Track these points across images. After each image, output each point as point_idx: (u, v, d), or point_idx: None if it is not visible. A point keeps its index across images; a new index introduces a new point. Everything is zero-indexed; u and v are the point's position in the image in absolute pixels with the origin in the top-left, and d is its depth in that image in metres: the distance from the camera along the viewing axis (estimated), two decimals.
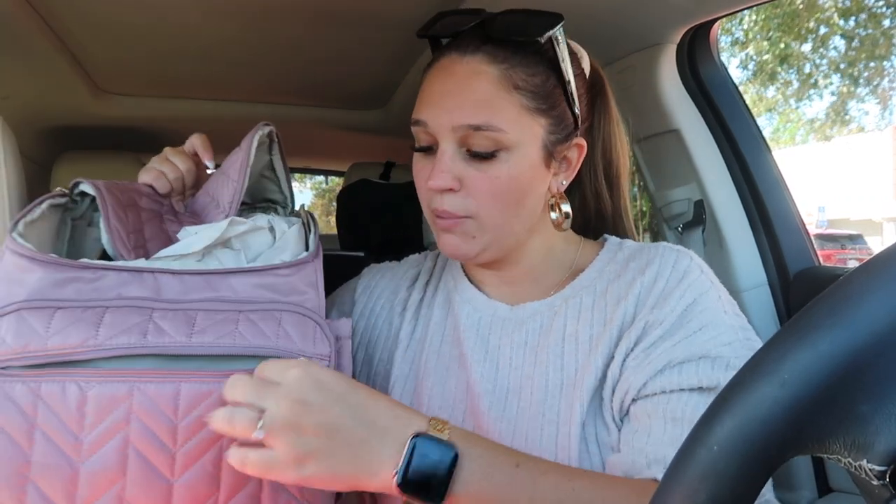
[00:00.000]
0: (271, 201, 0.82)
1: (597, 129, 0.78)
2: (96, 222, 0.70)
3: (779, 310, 1.21)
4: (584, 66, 0.76)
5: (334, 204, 2.07)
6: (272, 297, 0.64)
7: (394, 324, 0.83)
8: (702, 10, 1.04)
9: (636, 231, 0.84)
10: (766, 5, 4.90)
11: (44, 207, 0.65)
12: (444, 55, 0.70)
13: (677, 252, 0.70)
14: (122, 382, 0.57)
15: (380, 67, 1.46)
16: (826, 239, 12.26)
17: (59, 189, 0.69)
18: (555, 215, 0.73)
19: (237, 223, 0.68)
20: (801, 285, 1.18)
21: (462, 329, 0.76)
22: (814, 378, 0.28)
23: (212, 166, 0.78)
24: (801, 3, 10.46)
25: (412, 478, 0.51)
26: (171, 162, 0.76)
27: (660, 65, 1.17)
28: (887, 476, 0.28)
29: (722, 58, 1.25)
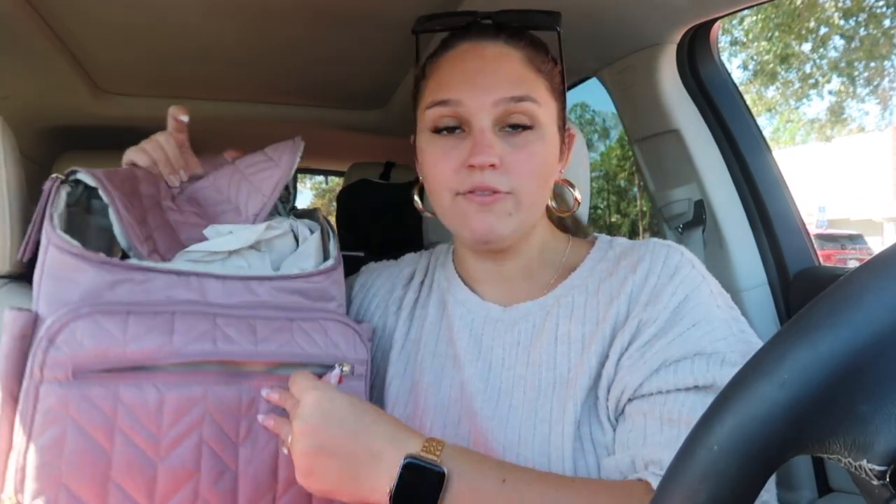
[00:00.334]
0: None
1: None
2: (96, 210, 0.70)
3: (779, 310, 1.21)
4: None
5: (334, 204, 2.07)
6: (304, 304, 0.69)
7: (388, 324, 0.83)
8: (702, 10, 1.04)
9: (637, 231, 0.85)
10: (766, 5, 4.90)
11: (63, 196, 0.65)
12: (462, 42, 0.72)
13: (668, 248, 0.70)
14: (198, 385, 0.61)
15: (380, 67, 1.46)
16: (826, 239, 12.26)
17: (55, 177, 0.67)
18: (553, 203, 0.77)
19: (273, 228, 0.70)
20: (801, 285, 1.18)
21: (456, 330, 0.76)
22: (814, 378, 0.28)
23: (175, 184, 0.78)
24: (802, 3, 10.46)
25: (403, 496, 0.56)
26: (155, 140, 0.80)
27: (660, 65, 1.17)
28: (887, 476, 0.28)
29: (722, 58, 1.25)
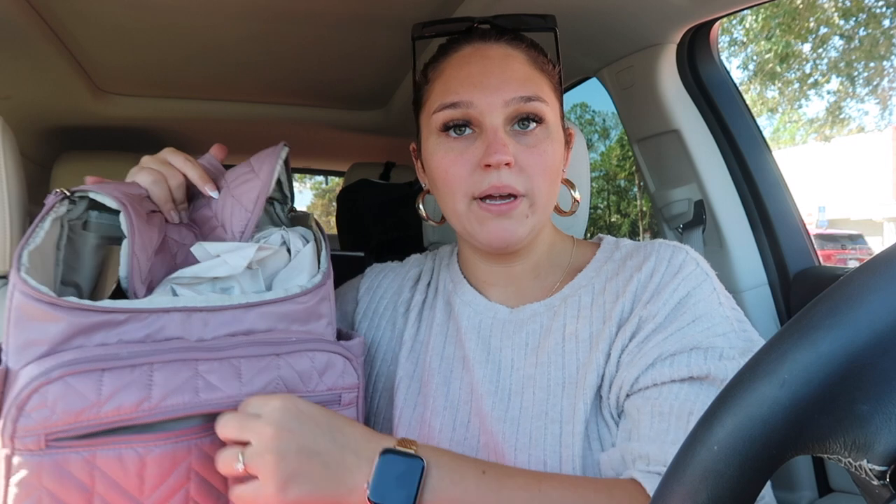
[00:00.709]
0: (269, 198, 0.81)
1: None
2: (92, 226, 0.67)
3: (779, 310, 1.21)
4: None
5: (334, 204, 2.07)
6: (294, 328, 0.66)
7: (397, 325, 0.83)
8: (702, 10, 1.04)
9: (637, 231, 0.86)
10: (767, 5, 4.90)
11: (46, 227, 0.61)
12: (464, 45, 0.73)
13: (673, 248, 0.70)
14: (182, 441, 0.58)
15: (380, 68, 1.46)
16: (826, 239, 12.25)
17: (58, 192, 0.63)
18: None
19: (263, 249, 0.67)
20: (801, 285, 1.18)
21: (463, 331, 0.76)
22: (814, 378, 0.28)
23: (214, 194, 0.71)
24: (801, 3, 10.46)
25: (382, 489, 0.55)
26: (173, 166, 0.68)
27: (660, 65, 1.17)
28: (887, 476, 0.28)
29: (722, 58, 1.25)
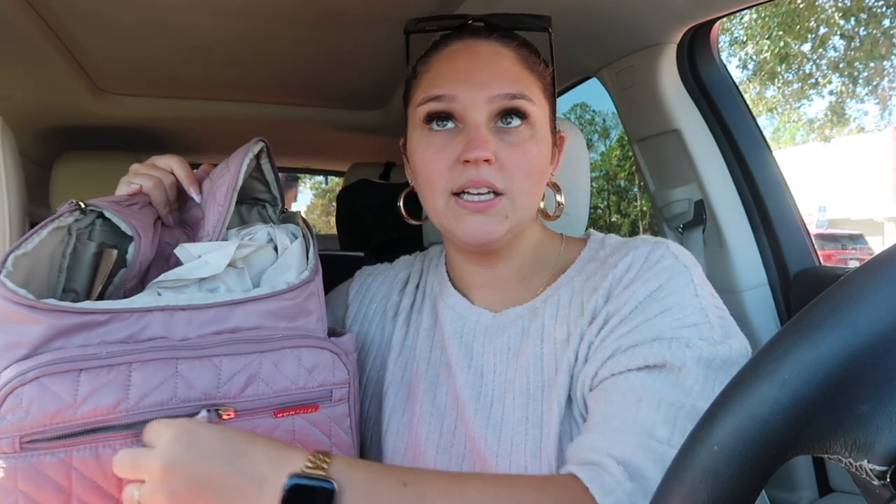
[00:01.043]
0: (258, 199, 0.81)
1: None
2: (95, 234, 0.68)
3: (779, 310, 1.21)
4: None
5: (334, 204, 2.07)
6: (282, 325, 0.64)
7: (386, 329, 0.82)
8: (702, 10, 1.04)
9: (637, 231, 0.85)
10: (766, 5, 4.90)
11: (44, 235, 0.61)
12: (456, 40, 0.72)
13: (654, 243, 0.68)
14: None
15: (380, 68, 1.46)
16: (826, 239, 12.25)
17: (72, 203, 0.64)
18: (542, 204, 0.76)
19: (244, 247, 0.67)
20: (802, 285, 1.18)
21: (446, 336, 0.75)
22: (814, 378, 0.28)
23: (197, 198, 0.73)
24: (802, 3, 10.46)
25: None
26: (163, 168, 0.73)
27: (660, 65, 1.17)
28: (888, 476, 0.28)
29: (722, 57, 1.25)
